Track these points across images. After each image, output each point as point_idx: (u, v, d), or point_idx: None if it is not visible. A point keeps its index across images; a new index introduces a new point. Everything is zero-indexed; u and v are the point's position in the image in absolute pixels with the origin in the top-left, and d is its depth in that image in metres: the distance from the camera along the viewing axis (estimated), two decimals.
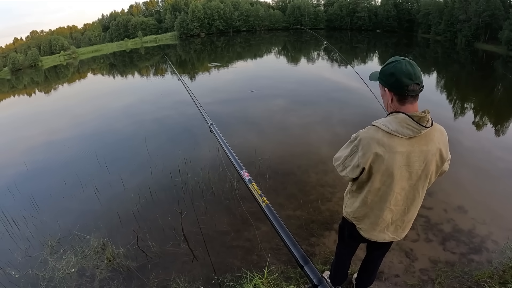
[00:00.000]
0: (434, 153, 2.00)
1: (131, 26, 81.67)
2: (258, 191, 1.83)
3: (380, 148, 1.96)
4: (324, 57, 30.82)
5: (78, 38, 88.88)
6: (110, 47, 71.33)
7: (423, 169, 2.03)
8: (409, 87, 1.85)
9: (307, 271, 1.41)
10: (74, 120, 12.45)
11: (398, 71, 1.87)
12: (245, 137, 8.79)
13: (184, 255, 4.40)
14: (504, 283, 3.56)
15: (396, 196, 2.14)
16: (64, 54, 64.97)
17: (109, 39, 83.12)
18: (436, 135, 1.99)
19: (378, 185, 2.12)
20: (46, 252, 4.56)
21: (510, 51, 34.05)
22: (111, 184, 6.51)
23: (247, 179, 1.94)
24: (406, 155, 1.97)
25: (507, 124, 10.56)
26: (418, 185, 2.12)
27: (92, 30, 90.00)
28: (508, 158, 7.50)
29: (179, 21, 75.51)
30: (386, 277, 3.81)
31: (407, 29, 63.43)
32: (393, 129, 1.92)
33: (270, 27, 78.96)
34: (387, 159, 1.97)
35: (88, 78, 29.08)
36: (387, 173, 2.03)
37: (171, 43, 62.37)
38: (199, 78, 21.56)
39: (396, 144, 1.94)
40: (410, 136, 1.91)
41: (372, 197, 2.20)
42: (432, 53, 36.01)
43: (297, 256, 1.48)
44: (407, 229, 2.39)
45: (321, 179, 6.25)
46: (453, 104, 13.65)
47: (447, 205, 5.34)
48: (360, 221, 2.38)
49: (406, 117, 1.89)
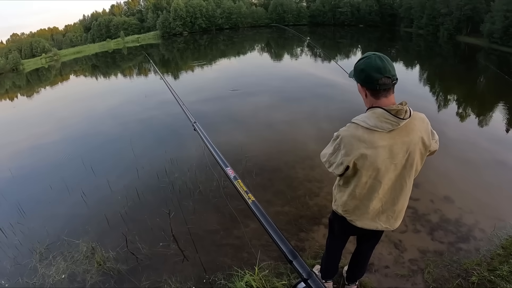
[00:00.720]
0: (416, 142, 2.03)
1: (113, 26, 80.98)
2: (244, 188, 1.84)
3: (362, 145, 1.99)
4: (307, 53, 30.88)
5: (60, 39, 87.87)
6: (92, 48, 70.56)
7: (407, 159, 2.07)
8: (379, 81, 1.88)
9: (296, 266, 1.42)
10: (58, 124, 12.30)
11: (368, 66, 1.90)
12: (231, 135, 8.78)
13: (175, 256, 4.39)
14: (493, 270, 3.64)
15: (383, 187, 2.17)
16: (46, 56, 64.11)
17: (91, 40, 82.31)
18: (416, 124, 2.03)
19: (365, 179, 2.15)
20: (35, 259, 4.49)
21: (492, 44, 34.61)
22: (98, 188, 6.44)
23: (232, 176, 1.95)
24: (388, 148, 1.99)
25: (491, 114, 10.72)
26: (404, 175, 2.15)
27: (73, 31, 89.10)
28: (492, 148, 7.63)
29: (161, 20, 75.06)
30: (376, 268, 3.86)
31: (390, 24, 63.87)
32: (372, 124, 1.95)
33: (253, 24, 78.86)
34: (370, 155, 1.99)
35: (71, 81, 28.73)
36: (372, 168, 2.06)
37: (154, 43, 61.95)
38: (183, 77, 21.49)
39: (377, 139, 1.97)
40: (390, 130, 1.94)
41: (360, 190, 2.23)
42: (415, 47, 36.47)
43: (285, 251, 1.49)
44: (399, 219, 2.42)
45: (308, 175, 6.28)
46: (436, 97, 13.81)
47: (434, 195, 5.41)
48: (350, 214, 2.40)
49: (384, 111, 1.92)
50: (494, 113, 10.82)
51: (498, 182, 6.03)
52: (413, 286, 3.59)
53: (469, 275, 3.63)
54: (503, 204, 5.25)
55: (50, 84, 27.00)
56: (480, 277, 3.55)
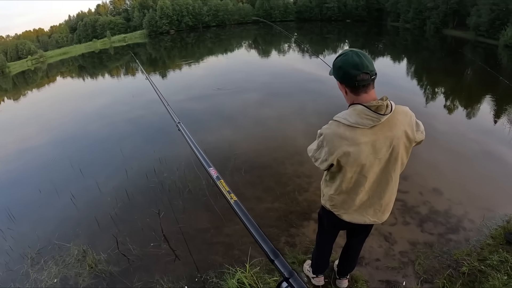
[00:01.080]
0: (400, 136, 2.03)
1: (99, 26, 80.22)
2: (226, 187, 1.83)
3: (344, 143, 1.99)
4: (295, 48, 30.89)
5: (45, 41, 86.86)
6: (78, 48, 69.85)
7: (390, 153, 2.07)
8: (357, 77, 1.87)
9: (278, 265, 1.41)
10: (46, 126, 12.16)
11: (345, 63, 1.90)
12: (220, 132, 8.77)
13: (166, 256, 4.38)
14: (483, 260, 3.69)
15: (369, 181, 2.18)
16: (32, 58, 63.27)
17: (77, 40, 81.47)
18: (399, 119, 2.02)
19: (350, 175, 2.15)
20: (27, 265, 4.44)
21: (478, 36, 35.00)
22: (87, 189, 6.37)
23: (215, 176, 1.94)
24: (371, 144, 1.99)
25: (478, 107, 10.83)
26: (389, 169, 2.15)
27: (59, 32, 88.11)
28: (480, 139, 7.72)
29: (147, 19, 74.51)
30: (367, 261, 3.89)
31: (377, 18, 64.09)
32: (353, 121, 1.95)
33: (240, 21, 78.68)
34: (353, 152, 2.00)
35: (57, 82, 28.41)
36: (356, 164, 2.06)
37: (141, 42, 61.45)
38: (171, 75, 21.36)
39: (359, 135, 1.97)
40: (371, 126, 1.94)
41: (346, 185, 2.23)
42: (402, 41, 36.69)
43: (267, 250, 1.49)
44: (387, 212, 2.43)
45: (297, 170, 6.30)
46: (424, 90, 13.90)
47: (423, 188, 5.47)
48: (338, 208, 2.41)
49: (364, 108, 1.91)
50: (482, 105, 10.94)
51: (486, 173, 6.10)
52: (404, 278, 3.62)
53: (459, 265, 3.68)
54: (492, 194, 5.32)
55: (37, 87, 26.64)
56: (471, 267, 3.60)
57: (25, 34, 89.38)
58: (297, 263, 3.79)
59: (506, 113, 10.04)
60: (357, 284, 3.41)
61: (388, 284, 3.55)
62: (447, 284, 3.39)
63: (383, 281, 3.60)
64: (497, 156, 6.79)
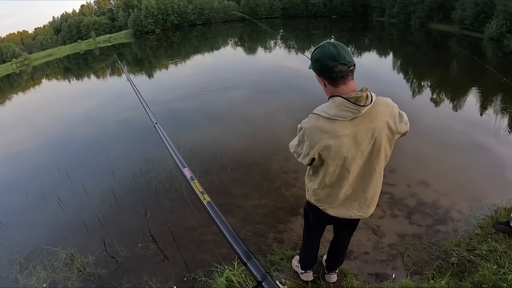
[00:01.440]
0: (382, 128, 2.00)
1: (84, 27, 79.32)
2: (200, 188, 1.82)
3: (324, 136, 1.96)
4: (281, 45, 30.92)
5: (30, 43, 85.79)
6: (63, 50, 68.98)
7: (373, 145, 2.04)
8: (335, 68, 1.84)
9: (250, 268, 1.38)
10: (31, 130, 11.94)
11: (322, 55, 1.87)
12: (208, 131, 8.76)
13: (154, 256, 4.36)
14: (472, 250, 3.72)
15: (352, 174, 2.16)
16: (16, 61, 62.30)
17: (61, 42, 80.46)
18: (380, 110, 1.99)
19: (332, 168, 2.13)
20: (15, 270, 4.38)
21: (463, 30, 35.45)
22: (74, 193, 6.29)
23: (189, 176, 1.93)
24: (352, 137, 1.97)
25: (464, 99, 10.94)
26: (372, 161, 2.13)
27: (43, 34, 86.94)
28: (466, 130, 7.81)
29: (132, 18, 73.81)
30: (355, 255, 3.90)
31: (362, 14, 64.33)
32: (332, 114, 1.93)
33: (226, 19, 78.49)
34: (333, 145, 1.97)
35: (43, 85, 28.00)
36: (338, 157, 2.04)
37: (126, 42, 60.89)
38: (158, 75, 21.23)
39: (339, 128, 1.94)
40: (352, 118, 1.91)
41: (329, 179, 2.21)
42: (387, 36, 36.94)
43: (239, 252, 1.47)
44: (372, 206, 2.41)
45: (284, 166, 6.31)
46: (410, 83, 14.03)
47: (410, 180, 5.51)
48: (323, 202, 2.39)
49: (343, 100, 1.88)
50: (468, 97, 11.09)
51: (473, 164, 6.18)
52: (394, 270, 3.64)
53: (448, 256, 3.70)
54: (479, 185, 5.39)
55: (22, 90, 26.23)
56: (460, 257, 3.62)
57: (9, 36, 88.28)
58: (285, 259, 3.78)
59: (492, 104, 10.16)
60: (346, 278, 3.41)
61: (378, 277, 3.56)
62: (436, 275, 3.41)
63: (372, 274, 3.61)
64: (483, 147, 6.88)
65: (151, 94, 13.58)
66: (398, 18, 50.95)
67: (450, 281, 3.26)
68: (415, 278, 3.49)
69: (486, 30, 29.39)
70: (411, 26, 46.03)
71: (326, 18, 65.84)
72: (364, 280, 3.49)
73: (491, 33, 28.18)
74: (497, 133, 7.46)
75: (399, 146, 2.21)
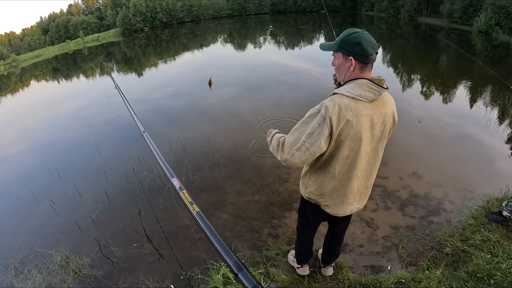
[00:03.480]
0: (390, 115, 2.13)
1: (72, 27, 78.61)
2: (189, 198, 1.81)
3: (348, 113, 1.98)
4: (270, 41, 30.90)
5: (17, 44, 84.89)
6: (51, 50, 68.22)
7: (382, 131, 2.13)
8: (372, 56, 1.98)
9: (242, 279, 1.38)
10: (22, 132, 11.78)
11: (363, 41, 1.95)
12: (198, 128, 8.76)
13: (150, 255, 4.34)
14: (465, 240, 3.76)
15: (362, 162, 2.18)
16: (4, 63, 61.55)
17: (49, 42, 79.66)
18: (389, 99, 2.15)
19: (346, 153, 2.12)
20: (10, 275, 4.33)
21: (452, 23, 35.72)
22: (66, 194, 6.23)
23: (177, 187, 1.92)
24: (370, 118, 2.04)
25: (454, 91, 11.01)
26: (378, 147, 2.21)
27: (31, 34, 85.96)
28: (456, 123, 7.88)
29: (121, 17, 73.28)
30: (350, 248, 3.93)
31: (351, 8, 64.68)
32: (357, 94, 1.98)
33: (215, 15, 78.37)
34: (355, 123, 2.00)
35: (32, 86, 27.66)
36: (355, 138, 2.06)
37: (115, 41, 60.40)
38: (147, 73, 21.12)
39: (361, 107, 2.00)
40: (372, 100, 2.01)
41: (340, 167, 2.20)
42: (376, 30, 37.03)
43: (230, 263, 1.46)
44: (367, 195, 2.48)
45: (276, 162, 6.23)
46: (400, 77, 14.10)
47: (402, 172, 5.57)
48: (327, 197, 2.38)
49: (368, 81, 1.99)
50: (457, 90, 11.16)
51: (464, 155, 6.24)
52: (389, 262, 3.66)
53: (442, 246, 3.74)
54: (470, 175, 5.45)
55: (11, 92, 25.90)
56: (454, 247, 3.66)
57: None
58: (281, 254, 3.79)
59: (481, 96, 10.24)
60: (342, 271, 3.42)
61: (373, 269, 3.59)
62: (431, 265, 3.44)
63: (367, 266, 3.63)
64: (473, 138, 6.95)
65: (141, 93, 13.55)
66: (387, 12, 51.31)
67: (445, 271, 3.29)
68: (410, 269, 3.52)
69: (475, 24, 29.52)
70: (400, 20, 46.39)
71: (315, 13, 65.97)
72: (360, 273, 3.51)
73: (479, 26, 28.31)
74: (487, 125, 7.53)
75: (390, 139, 2.25)
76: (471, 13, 32.13)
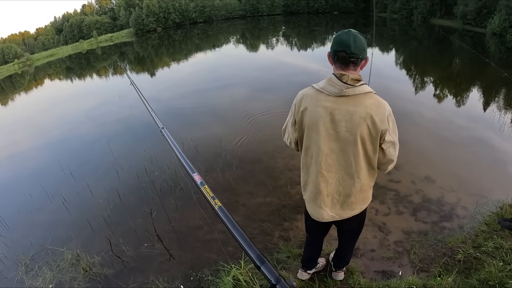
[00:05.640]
0: (363, 116, 2.02)
1: (85, 27, 79.31)
2: (211, 193, 1.81)
3: (307, 101, 2.17)
4: (283, 42, 30.87)
5: (31, 43, 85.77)
6: (65, 50, 68.92)
7: (350, 132, 2.07)
8: (338, 52, 2.01)
9: (264, 271, 1.39)
10: (35, 130, 11.97)
11: (337, 38, 2.04)
12: (210, 128, 8.79)
13: (160, 255, 4.36)
14: (478, 247, 3.70)
15: (326, 159, 2.19)
16: (18, 62, 62.19)
17: (63, 41, 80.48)
18: (368, 102, 2.04)
19: (307, 142, 2.24)
20: (21, 272, 4.37)
21: (466, 25, 35.17)
22: (78, 192, 6.29)
23: (199, 182, 1.91)
24: (330, 111, 2.08)
25: (467, 94, 10.87)
26: (348, 150, 2.14)
27: (45, 34, 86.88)
28: (469, 126, 7.78)
29: (134, 17, 73.74)
30: (362, 253, 3.90)
31: (364, 9, 64.10)
32: (321, 86, 2.12)
33: (227, 16, 78.52)
34: (310, 110, 2.15)
35: (45, 85, 27.99)
36: (313, 128, 2.15)
37: (128, 41, 60.85)
38: (160, 73, 21.29)
39: (321, 98, 2.11)
40: (336, 95, 2.05)
41: (307, 158, 2.32)
42: (389, 31, 36.84)
43: (253, 256, 1.46)
44: (347, 208, 2.35)
45: (289, 163, 6.30)
46: (413, 79, 13.98)
47: (415, 176, 5.51)
48: (305, 192, 2.46)
49: (333, 76, 2.08)
50: (471, 93, 11.01)
51: (477, 160, 6.15)
52: (400, 267, 3.63)
53: (454, 253, 3.68)
54: (483, 180, 5.36)
55: (25, 90, 26.22)
56: (466, 254, 3.60)
57: (10, 37, 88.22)
58: (292, 257, 3.77)
59: (495, 100, 10.11)
60: (353, 276, 3.39)
61: (384, 274, 3.55)
62: (443, 272, 3.39)
63: (379, 271, 3.60)
64: (487, 142, 6.85)
65: (154, 93, 13.60)
66: (400, 14, 50.85)
67: (456, 278, 3.25)
68: (422, 275, 3.47)
69: (489, 25, 29.12)
70: (413, 21, 45.92)
71: (327, 15, 65.69)
72: (371, 278, 3.48)
73: (493, 28, 27.94)
74: (502, 129, 7.41)
75: (402, 142, 2.21)
76: (485, 14, 31.63)
